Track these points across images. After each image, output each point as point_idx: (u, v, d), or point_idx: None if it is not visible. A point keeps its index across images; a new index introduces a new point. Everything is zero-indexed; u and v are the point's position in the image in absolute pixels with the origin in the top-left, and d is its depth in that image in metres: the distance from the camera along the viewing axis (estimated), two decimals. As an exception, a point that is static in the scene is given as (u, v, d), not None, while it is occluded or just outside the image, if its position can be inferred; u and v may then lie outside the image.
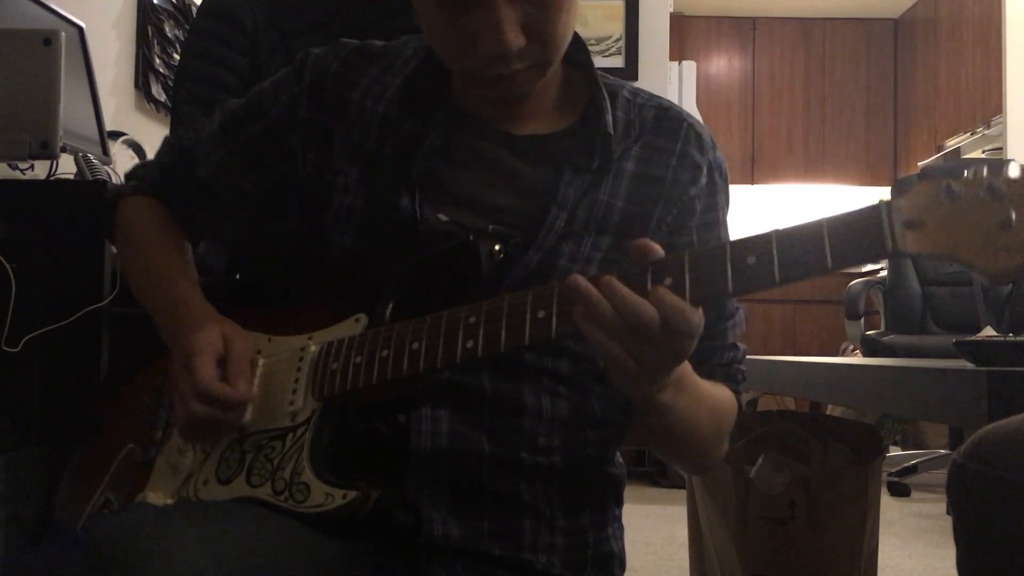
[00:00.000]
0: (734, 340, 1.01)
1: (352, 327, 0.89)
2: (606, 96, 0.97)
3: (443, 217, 0.94)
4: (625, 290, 0.73)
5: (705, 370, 0.94)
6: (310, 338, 0.91)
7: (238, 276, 1.54)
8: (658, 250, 0.75)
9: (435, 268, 0.90)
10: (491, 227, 0.92)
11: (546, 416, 0.93)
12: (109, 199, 1.12)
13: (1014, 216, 0.64)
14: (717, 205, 1.01)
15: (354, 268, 0.95)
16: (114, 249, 1.16)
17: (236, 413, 0.89)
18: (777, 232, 0.72)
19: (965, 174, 0.67)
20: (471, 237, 0.90)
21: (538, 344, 0.78)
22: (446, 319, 0.82)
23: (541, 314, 0.77)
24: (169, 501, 0.91)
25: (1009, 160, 0.72)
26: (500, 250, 0.90)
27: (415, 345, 0.82)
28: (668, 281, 0.73)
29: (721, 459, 0.99)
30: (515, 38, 0.85)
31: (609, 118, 0.96)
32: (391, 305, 0.89)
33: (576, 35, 0.96)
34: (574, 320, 0.75)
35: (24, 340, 1.70)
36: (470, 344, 0.80)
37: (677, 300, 0.72)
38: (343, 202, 0.97)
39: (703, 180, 0.99)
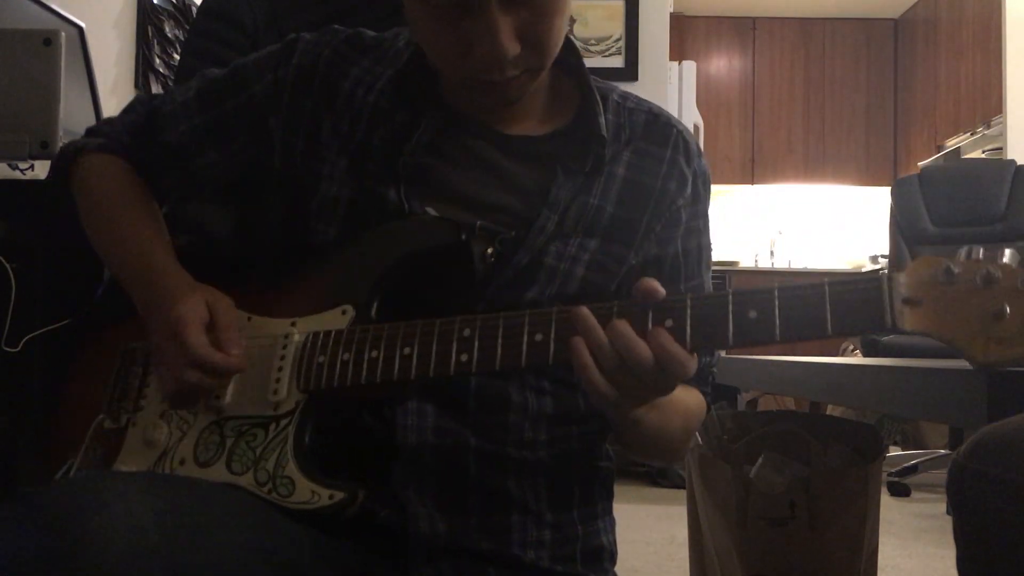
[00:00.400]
0: None
1: (338, 319, 0.89)
2: (598, 99, 0.97)
3: (431, 211, 0.94)
4: (629, 332, 0.74)
5: None
6: (293, 324, 0.90)
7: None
8: (661, 291, 0.76)
9: (424, 265, 0.90)
10: (479, 223, 0.92)
11: (531, 411, 0.93)
12: (69, 152, 1.06)
13: (1008, 309, 0.67)
14: (699, 213, 1.02)
15: (339, 256, 0.94)
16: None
17: (226, 380, 0.89)
18: (780, 289, 0.73)
19: (962, 256, 0.69)
20: (464, 237, 0.89)
21: (534, 367, 0.79)
22: (439, 327, 0.82)
23: (539, 337, 0.78)
24: None
25: (1005, 247, 0.76)
26: (492, 253, 0.91)
27: (407, 350, 0.82)
28: (669, 323, 0.74)
29: (687, 452, 1.00)
30: (511, 45, 0.85)
31: (603, 120, 0.96)
32: (378, 300, 0.89)
33: (567, 37, 0.96)
34: (568, 346, 0.76)
35: (24, 340, 1.70)
36: (464, 358, 0.80)
37: (678, 349, 0.74)
38: (330, 191, 0.96)
39: (688, 190, 1.00)
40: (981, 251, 0.69)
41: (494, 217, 0.94)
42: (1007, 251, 0.69)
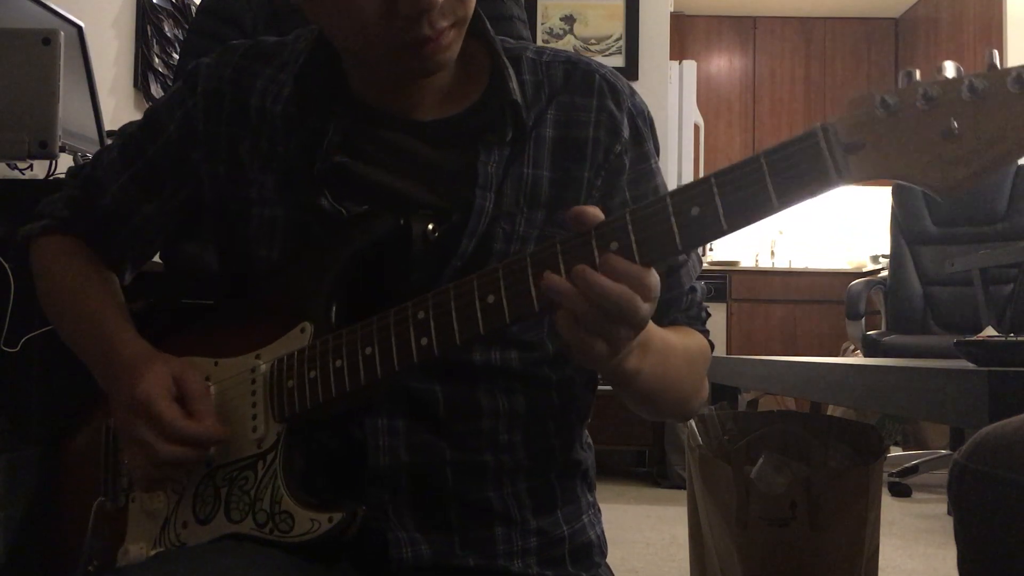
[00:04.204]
0: (690, 284, 0.97)
1: (299, 338, 0.85)
2: (507, 63, 0.92)
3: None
4: (591, 271, 0.69)
5: (668, 320, 0.92)
6: (258, 356, 0.87)
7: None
8: (594, 214, 0.70)
9: (370, 259, 0.86)
10: (420, 211, 0.87)
11: (504, 413, 0.89)
12: (20, 244, 1.05)
13: (956, 124, 0.60)
14: (647, 154, 0.96)
15: (286, 277, 0.90)
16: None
17: (206, 450, 0.86)
18: (716, 176, 0.67)
19: (899, 83, 0.63)
20: (402, 221, 0.85)
21: (493, 332, 0.74)
22: (394, 317, 0.78)
23: (491, 299, 0.73)
24: (151, 551, 0.89)
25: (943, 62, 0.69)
26: (434, 229, 0.86)
27: (368, 351, 0.79)
28: (614, 246, 0.69)
29: (703, 403, 0.95)
30: None
31: (514, 85, 0.90)
32: (334, 308, 0.85)
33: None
34: (557, 322, 0.71)
35: (23, 340, 1.70)
36: (424, 342, 0.76)
37: (630, 267, 0.68)
38: (263, 213, 0.92)
39: (626, 133, 0.93)
40: (917, 72, 0.63)
41: (426, 210, 0.89)
42: (946, 64, 0.63)
